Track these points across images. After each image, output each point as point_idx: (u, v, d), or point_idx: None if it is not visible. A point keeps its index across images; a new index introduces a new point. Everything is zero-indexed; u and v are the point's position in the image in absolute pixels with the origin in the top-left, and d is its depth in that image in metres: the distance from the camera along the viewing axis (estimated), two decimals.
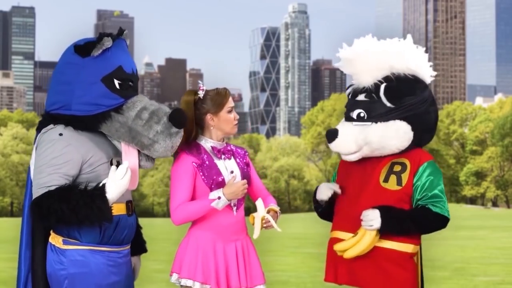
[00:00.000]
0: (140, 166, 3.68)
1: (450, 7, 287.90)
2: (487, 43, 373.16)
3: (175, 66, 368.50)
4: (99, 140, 3.58)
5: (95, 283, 3.50)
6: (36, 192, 3.43)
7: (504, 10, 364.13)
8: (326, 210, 3.96)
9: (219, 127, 3.94)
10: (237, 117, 3.97)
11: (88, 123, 3.53)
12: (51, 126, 3.56)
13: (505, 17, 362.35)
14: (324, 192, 3.87)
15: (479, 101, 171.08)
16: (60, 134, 3.50)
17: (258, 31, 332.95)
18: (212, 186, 3.85)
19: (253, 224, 3.87)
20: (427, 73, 3.88)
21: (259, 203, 3.87)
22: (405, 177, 3.72)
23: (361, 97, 3.81)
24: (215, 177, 3.86)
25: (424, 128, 3.83)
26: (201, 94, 3.93)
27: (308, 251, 16.41)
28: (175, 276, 3.85)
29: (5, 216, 67.01)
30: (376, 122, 3.75)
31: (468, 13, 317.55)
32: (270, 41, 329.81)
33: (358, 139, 3.75)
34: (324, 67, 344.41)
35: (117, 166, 3.51)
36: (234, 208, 3.92)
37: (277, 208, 3.95)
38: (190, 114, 3.87)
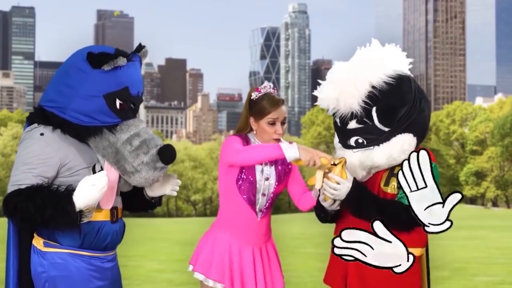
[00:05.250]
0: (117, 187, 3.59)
1: (450, 7, 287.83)
2: (487, 43, 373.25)
3: (175, 66, 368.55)
4: (83, 147, 3.49)
5: (75, 287, 3.44)
6: (8, 189, 3.38)
7: (504, 10, 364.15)
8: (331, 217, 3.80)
9: (258, 134, 3.89)
10: (280, 131, 3.83)
11: (78, 132, 3.45)
12: (35, 125, 3.49)
13: (505, 17, 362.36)
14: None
15: (479, 101, 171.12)
16: (41, 134, 3.43)
17: (258, 31, 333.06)
18: (241, 182, 3.82)
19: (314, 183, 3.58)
20: (403, 65, 3.70)
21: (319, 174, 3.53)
22: None
23: (353, 123, 3.61)
24: (251, 178, 3.83)
25: (423, 127, 3.72)
26: (254, 96, 3.89)
27: (308, 251, 16.39)
28: (190, 267, 3.88)
29: None
30: (378, 145, 3.59)
31: (468, 13, 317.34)
32: (270, 41, 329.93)
33: (365, 165, 3.60)
34: (324, 67, 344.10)
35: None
36: (260, 214, 3.88)
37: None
38: (245, 110, 3.91)
